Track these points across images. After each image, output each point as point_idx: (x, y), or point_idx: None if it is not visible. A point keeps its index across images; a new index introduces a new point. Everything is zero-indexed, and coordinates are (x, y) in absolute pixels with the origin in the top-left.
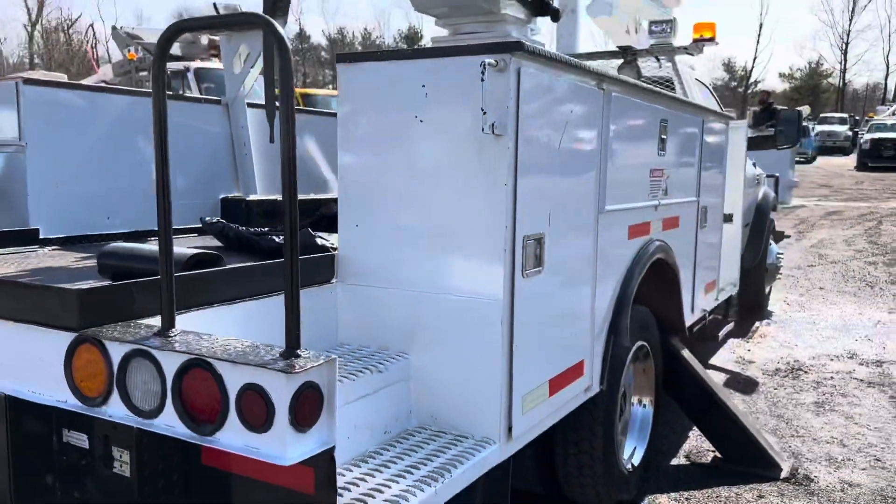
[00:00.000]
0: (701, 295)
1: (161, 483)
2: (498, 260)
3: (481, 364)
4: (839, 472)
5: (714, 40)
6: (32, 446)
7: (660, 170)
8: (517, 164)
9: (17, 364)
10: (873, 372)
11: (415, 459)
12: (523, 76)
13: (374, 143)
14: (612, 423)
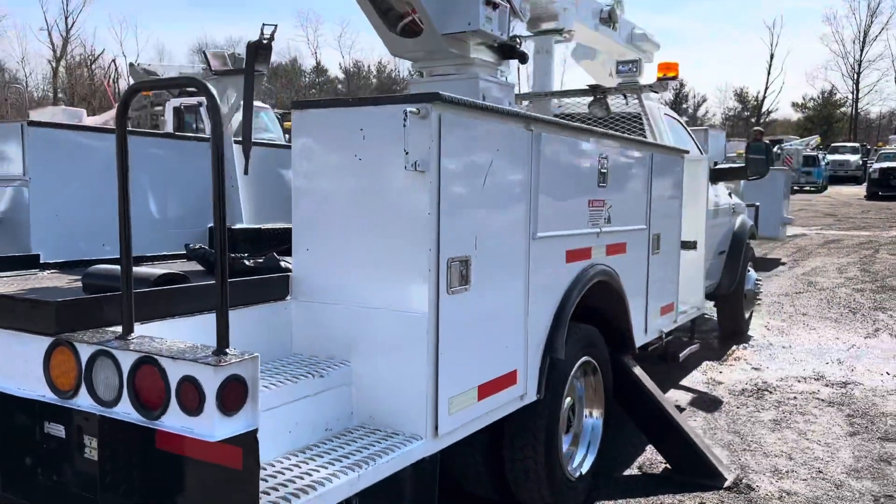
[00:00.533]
0: (656, 316)
1: (122, 465)
2: (423, 279)
3: (410, 370)
4: (780, 482)
5: (677, 78)
6: (19, 436)
7: (600, 200)
8: (440, 196)
9: (5, 365)
10: (836, 392)
11: (347, 451)
12: (444, 122)
13: (321, 178)
14: (555, 431)
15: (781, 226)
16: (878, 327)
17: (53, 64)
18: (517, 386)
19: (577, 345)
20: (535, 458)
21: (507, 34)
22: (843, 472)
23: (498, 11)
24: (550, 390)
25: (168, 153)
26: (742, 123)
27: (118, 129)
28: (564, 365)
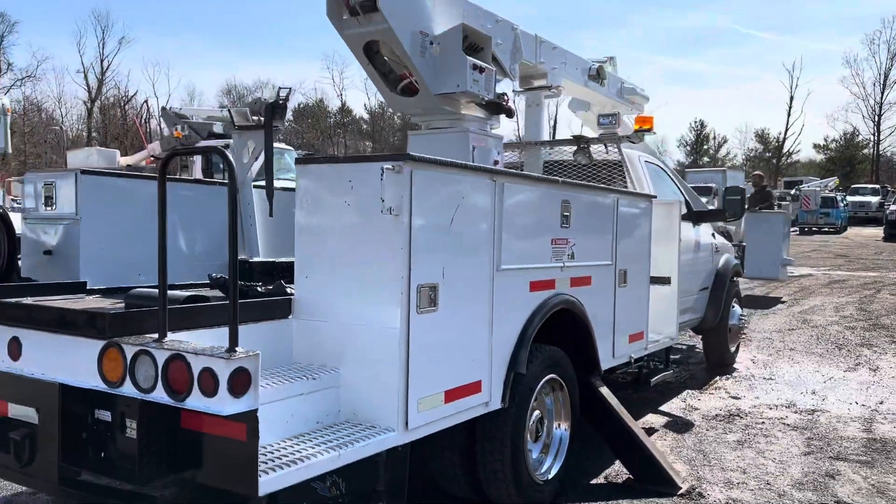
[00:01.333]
0: (624, 343)
1: (155, 441)
2: (396, 301)
3: (385, 375)
4: (730, 491)
5: (651, 131)
6: (75, 420)
7: (563, 239)
8: (411, 234)
9: (66, 363)
10: (802, 419)
11: (332, 437)
12: (415, 176)
13: (318, 219)
14: (520, 438)
15: (781, 267)
16: (860, 362)
17: (88, 105)
18: (482, 394)
19: (542, 363)
20: (502, 461)
21: (493, 94)
22: (789, 484)
23: (484, 74)
24: (516, 401)
25: (196, 195)
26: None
27: (160, 186)
28: (529, 380)
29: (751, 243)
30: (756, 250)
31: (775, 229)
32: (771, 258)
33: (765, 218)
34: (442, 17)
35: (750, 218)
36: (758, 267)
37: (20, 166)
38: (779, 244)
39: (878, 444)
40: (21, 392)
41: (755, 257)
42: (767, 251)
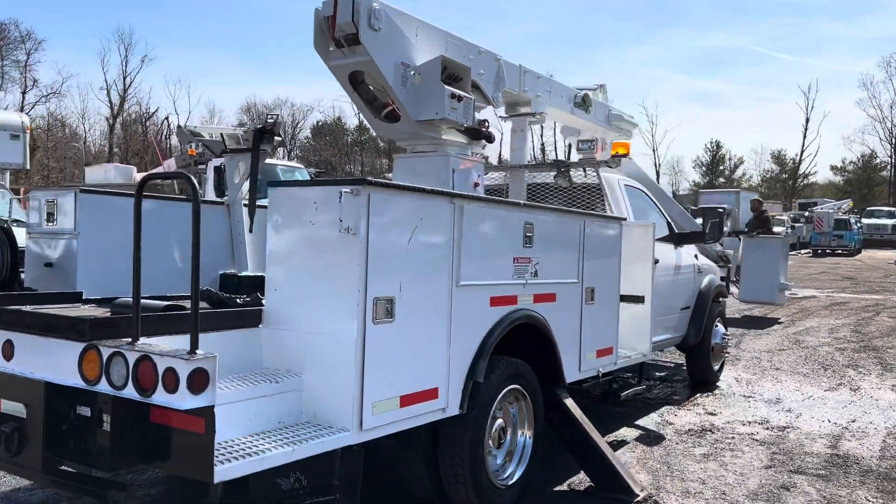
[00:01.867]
0: (591, 357)
1: (127, 434)
2: (352, 312)
3: (342, 380)
4: (685, 500)
5: (627, 156)
6: (59, 415)
7: (526, 258)
8: (368, 251)
9: (51, 363)
10: (772, 434)
11: (289, 435)
12: (372, 199)
13: (287, 236)
14: (479, 443)
15: (779, 291)
16: (843, 382)
17: (111, 121)
18: (438, 400)
19: (504, 374)
20: (461, 465)
21: (471, 120)
22: (744, 494)
23: (462, 103)
24: (475, 408)
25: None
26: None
27: (136, 205)
28: (489, 389)
29: (748, 267)
30: (753, 274)
31: (772, 254)
32: (768, 282)
33: (762, 242)
34: (424, 48)
35: (747, 242)
36: (755, 291)
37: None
38: (776, 268)
39: (839, 459)
40: (12, 389)
41: (752, 281)
42: (764, 275)
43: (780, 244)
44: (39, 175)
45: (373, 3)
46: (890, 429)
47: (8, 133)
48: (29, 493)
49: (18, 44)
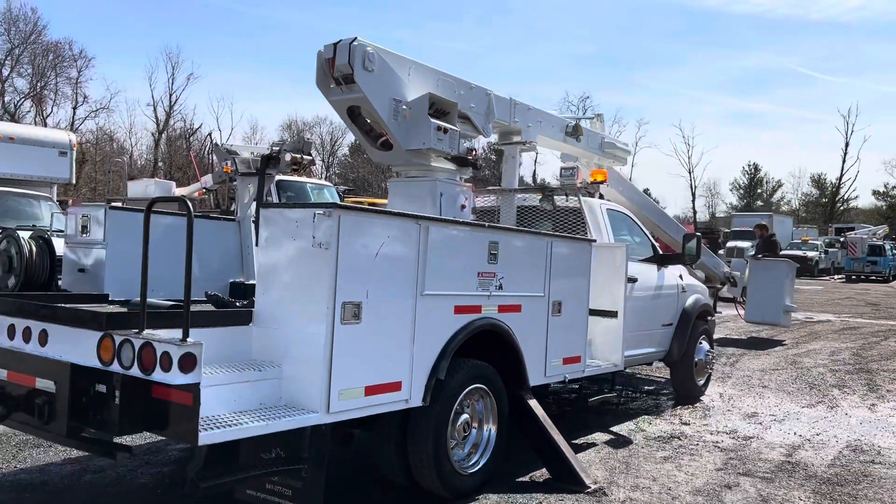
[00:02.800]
0: (557, 364)
1: (133, 406)
2: (323, 314)
3: (313, 370)
4: (632, 493)
5: (605, 182)
6: (83, 391)
7: (491, 272)
8: (338, 263)
9: (76, 348)
10: (736, 443)
11: (267, 414)
12: (342, 219)
13: (274, 249)
14: (442, 433)
15: (784, 313)
16: (823, 400)
17: (156, 136)
18: (401, 392)
19: (468, 374)
20: (426, 452)
21: (456, 150)
22: (688, 491)
23: (448, 134)
24: (438, 402)
25: (202, 228)
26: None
27: (145, 222)
28: (452, 386)
29: (753, 289)
30: (758, 296)
31: (778, 276)
32: (773, 304)
33: (768, 265)
34: (416, 85)
35: (754, 265)
36: (760, 312)
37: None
38: (781, 291)
39: (789, 465)
40: (45, 369)
41: (758, 303)
42: (770, 297)
43: (787, 267)
44: (87, 187)
45: (367, 47)
46: (850, 441)
47: (57, 150)
48: (59, 466)
49: (71, 62)
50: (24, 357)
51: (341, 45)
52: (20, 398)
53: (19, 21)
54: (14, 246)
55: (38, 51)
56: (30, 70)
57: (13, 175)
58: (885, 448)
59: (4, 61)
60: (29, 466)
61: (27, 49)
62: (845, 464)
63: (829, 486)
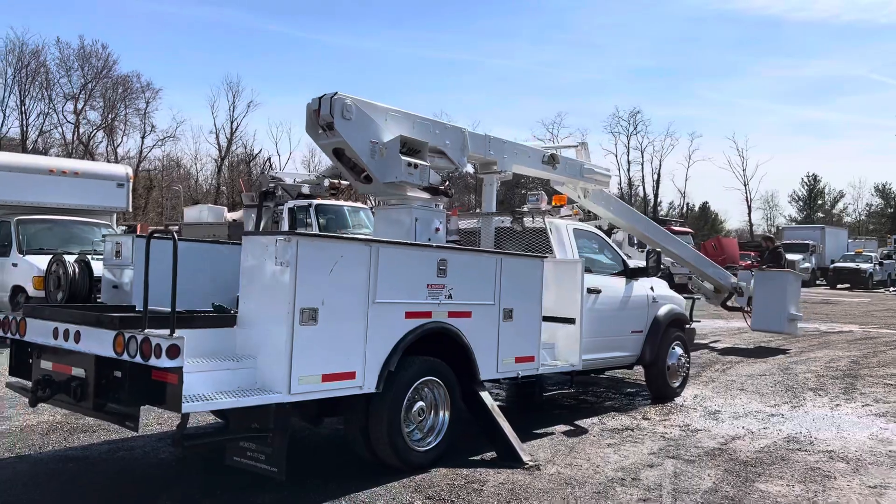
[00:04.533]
0: (509, 362)
1: (137, 386)
2: (284, 317)
3: (278, 361)
4: (562, 469)
5: (563, 206)
6: (105, 378)
7: (440, 284)
8: (297, 276)
9: (99, 343)
10: (682, 434)
11: (240, 393)
12: (300, 243)
13: (251, 267)
14: (396, 416)
15: (789, 321)
16: (791, 401)
17: (218, 162)
18: (356, 380)
19: (419, 368)
20: (382, 430)
21: (427, 182)
22: (613, 469)
23: (418, 169)
24: (391, 390)
25: (216, 251)
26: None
27: (146, 249)
28: (405, 378)
29: (759, 298)
30: (763, 305)
31: (782, 286)
32: (777, 313)
33: (773, 275)
34: (392, 128)
35: (759, 275)
36: (765, 321)
37: (157, 217)
38: (784, 300)
39: (718, 451)
40: (78, 360)
41: (762, 312)
42: (774, 306)
43: (791, 277)
44: (155, 212)
45: (346, 100)
46: (791, 434)
47: (115, 182)
48: (99, 446)
49: (139, 93)
50: (64, 352)
51: (324, 98)
52: (61, 383)
53: (91, 57)
54: (61, 268)
55: (108, 84)
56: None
57: (77, 205)
58: (821, 440)
59: (79, 95)
60: (76, 446)
61: (99, 83)
62: (772, 451)
63: (742, 466)
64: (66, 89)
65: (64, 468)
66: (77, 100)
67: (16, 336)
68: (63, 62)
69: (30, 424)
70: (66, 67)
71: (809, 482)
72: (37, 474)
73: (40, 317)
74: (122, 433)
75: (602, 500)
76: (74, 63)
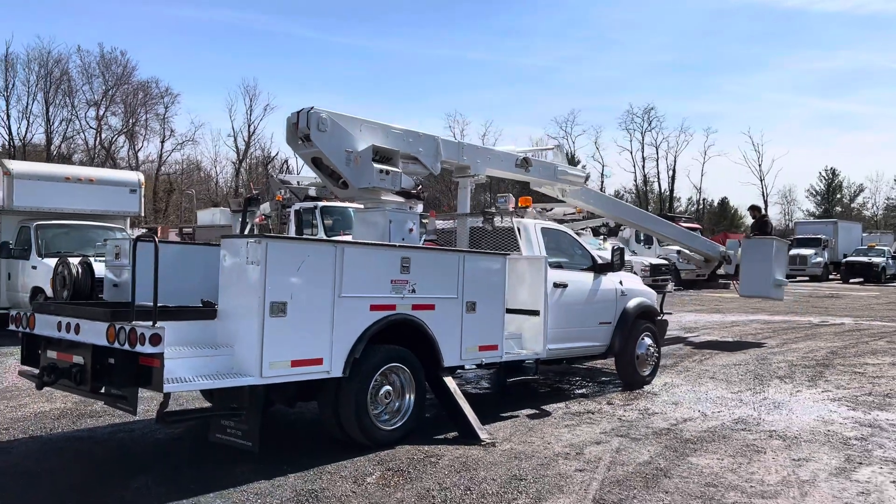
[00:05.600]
0: (473, 350)
1: (126, 370)
2: (256, 310)
3: (251, 348)
4: (517, 445)
5: (528, 208)
6: (101, 364)
7: (403, 280)
8: (266, 273)
9: (95, 334)
10: (638, 416)
11: (217, 376)
12: (269, 245)
13: (228, 266)
14: (363, 398)
15: (775, 286)
16: (756, 388)
17: (236, 165)
18: (323, 366)
19: (385, 355)
20: (350, 411)
21: (398, 186)
22: (562, 445)
23: (390, 175)
24: (358, 375)
25: (212, 252)
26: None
27: (132, 252)
28: (370, 364)
29: (745, 265)
30: (750, 272)
31: (767, 253)
32: (764, 278)
33: (758, 242)
34: (367, 137)
35: (745, 243)
36: (752, 286)
37: (177, 219)
38: (770, 265)
39: (665, 430)
40: (78, 349)
41: (749, 278)
42: (760, 272)
43: (776, 244)
44: (175, 214)
45: (321, 114)
46: (742, 416)
47: (128, 188)
48: (102, 428)
49: (158, 99)
50: (67, 342)
51: (302, 112)
52: (64, 369)
53: (112, 64)
54: (66, 269)
55: (129, 90)
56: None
57: (93, 210)
58: (768, 421)
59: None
60: (82, 428)
61: (119, 89)
62: (717, 431)
63: (683, 443)
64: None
65: (70, 446)
66: (99, 106)
67: (26, 329)
68: (84, 69)
69: (43, 411)
70: (87, 75)
71: (739, 456)
72: (47, 451)
73: (47, 312)
74: (125, 418)
75: (543, 470)
76: (96, 70)
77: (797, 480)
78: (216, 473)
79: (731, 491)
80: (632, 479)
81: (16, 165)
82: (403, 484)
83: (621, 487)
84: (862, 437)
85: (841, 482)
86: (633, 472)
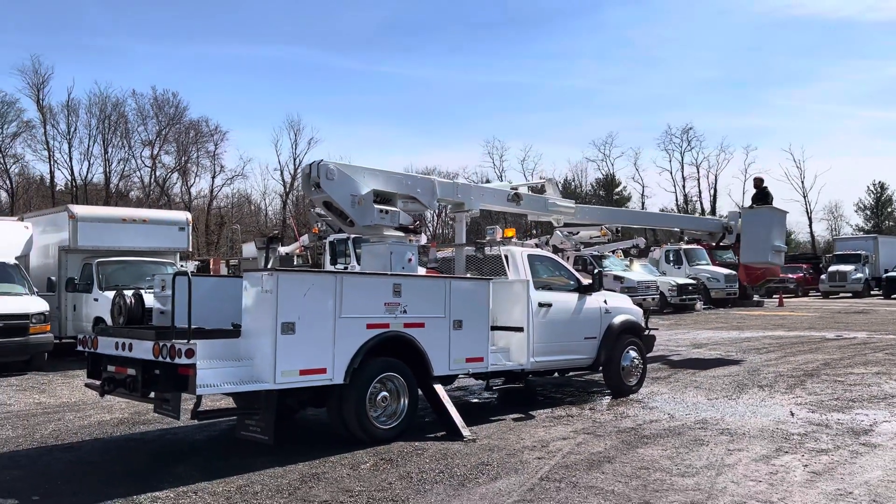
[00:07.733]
0: (460, 362)
1: (168, 379)
2: (271, 329)
3: (266, 360)
4: (493, 441)
5: (512, 238)
6: (149, 375)
7: (395, 302)
8: (278, 300)
9: (143, 352)
10: (610, 419)
11: (240, 383)
12: (280, 277)
13: (250, 294)
14: (362, 402)
15: (774, 252)
16: (732, 395)
17: (284, 198)
18: (326, 374)
19: (380, 365)
20: (351, 411)
21: (398, 223)
22: (532, 440)
23: (389, 214)
24: (357, 382)
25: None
26: None
27: (172, 284)
28: (367, 373)
29: (746, 234)
30: (750, 240)
31: (766, 221)
32: (762, 245)
33: (758, 211)
34: (368, 183)
35: (746, 212)
36: (752, 254)
37: (228, 251)
38: (769, 233)
39: (628, 430)
40: (131, 363)
41: (749, 246)
42: (759, 239)
43: (775, 213)
44: (226, 246)
45: (329, 165)
46: (707, 418)
47: (177, 227)
48: (153, 432)
49: (209, 137)
50: (122, 359)
51: (313, 164)
52: (121, 380)
53: (164, 105)
54: (122, 300)
55: (181, 130)
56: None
57: (146, 248)
58: (727, 421)
59: (154, 141)
60: (135, 433)
61: (172, 129)
62: (675, 429)
63: (639, 439)
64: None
65: (126, 445)
66: (153, 145)
67: (91, 349)
68: (139, 111)
69: (104, 420)
70: (142, 116)
71: (682, 448)
72: (107, 448)
73: (106, 335)
74: (172, 424)
75: (508, 459)
76: (150, 111)
77: (720, 464)
78: (241, 462)
79: (658, 472)
80: (579, 465)
81: (79, 210)
82: (391, 469)
83: (567, 470)
84: (804, 433)
85: (758, 465)
86: (583, 459)
